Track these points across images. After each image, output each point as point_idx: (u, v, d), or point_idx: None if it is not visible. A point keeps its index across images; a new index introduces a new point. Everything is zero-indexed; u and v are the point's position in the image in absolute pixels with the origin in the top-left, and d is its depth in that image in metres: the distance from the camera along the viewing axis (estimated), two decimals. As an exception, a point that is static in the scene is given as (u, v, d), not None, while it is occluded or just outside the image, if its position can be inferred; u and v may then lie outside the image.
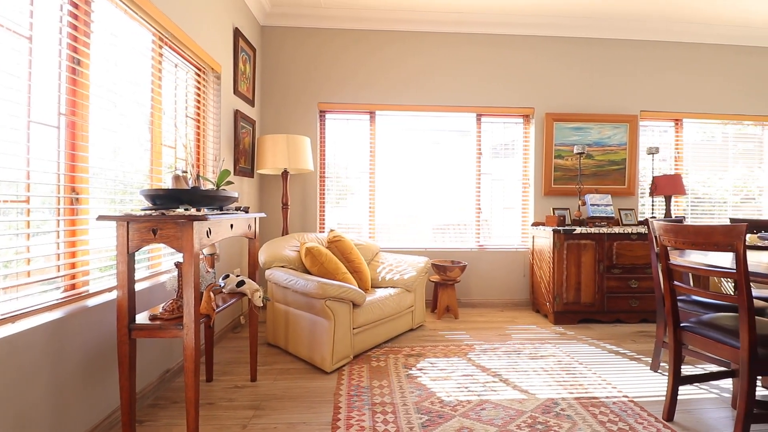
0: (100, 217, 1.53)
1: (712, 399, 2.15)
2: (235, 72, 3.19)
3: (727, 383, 2.32)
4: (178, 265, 1.76)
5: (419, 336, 3.05)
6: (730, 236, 1.64)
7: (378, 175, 4.02)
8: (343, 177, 4.01)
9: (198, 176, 1.88)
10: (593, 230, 3.45)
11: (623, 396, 2.15)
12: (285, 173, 3.39)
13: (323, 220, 3.97)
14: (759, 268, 1.72)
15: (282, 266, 2.76)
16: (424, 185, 4.10)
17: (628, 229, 3.48)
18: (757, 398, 2.16)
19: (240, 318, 3.29)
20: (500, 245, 4.12)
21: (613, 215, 3.91)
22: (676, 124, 4.38)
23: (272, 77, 3.87)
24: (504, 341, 2.97)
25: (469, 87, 4.03)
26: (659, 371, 2.47)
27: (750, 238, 3.73)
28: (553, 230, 3.44)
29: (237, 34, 3.19)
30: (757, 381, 2.38)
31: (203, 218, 1.56)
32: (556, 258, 3.43)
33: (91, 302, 1.73)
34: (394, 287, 3.05)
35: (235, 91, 3.20)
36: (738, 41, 4.29)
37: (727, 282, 4.01)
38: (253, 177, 3.62)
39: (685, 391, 2.23)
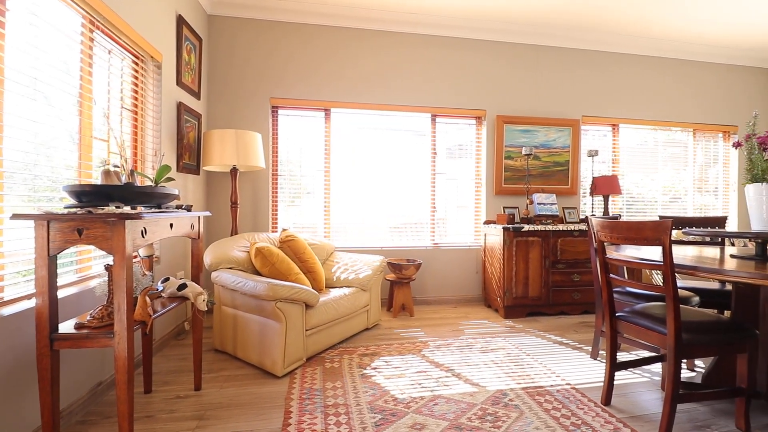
0: (15, 216, 1.36)
1: (644, 382, 2.32)
2: (179, 62, 3.00)
3: (658, 367, 2.52)
4: (108, 268, 1.62)
5: (374, 335, 3.04)
6: (658, 231, 1.77)
7: (333, 174, 3.97)
8: (297, 175, 3.91)
9: (132, 172, 1.74)
10: (540, 228, 3.62)
11: (566, 384, 2.27)
12: (234, 170, 3.24)
13: (276, 219, 3.85)
14: (684, 260, 1.87)
15: (230, 268, 2.64)
16: (381, 184, 4.10)
17: (571, 227, 3.69)
18: (683, 380, 2.37)
19: (184, 324, 3.10)
20: (454, 243, 4.21)
21: (558, 213, 4.13)
22: (614, 128, 4.71)
23: (222, 69, 3.69)
24: (457, 337, 3.04)
25: (424, 88, 4.08)
26: (598, 359, 2.63)
27: (676, 234, 4.09)
28: (503, 228, 3.57)
29: (180, 21, 3.01)
30: (683, 364, 2.61)
31: (137, 217, 1.44)
32: (506, 254, 3.57)
33: (7, 311, 1.54)
34: (349, 287, 3.02)
35: (179, 83, 3.01)
36: (668, 54, 4.70)
37: (658, 274, 4.37)
38: (198, 174, 3.43)
39: (621, 376, 2.39)
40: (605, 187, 4.13)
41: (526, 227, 3.59)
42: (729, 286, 2.76)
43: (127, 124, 2.50)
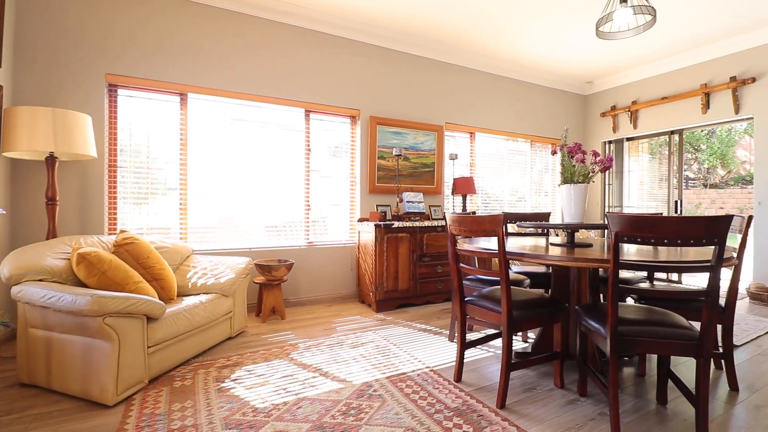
0: None
1: (490, 357, 2.62)
2: (-41, 14, 2.28)
3: (500, 342, 2.89)
4: None
5: (239, 343, 2.80)
6: (493, 224, 2.01)
7: (192, 169, 3.54)
8: (145, 169, 3.36)
9: None
10: (408, 224, 3.84)
11: (426, 367, 2.43)
12: (51, 159, 2.61)
13: (115, 220, 3.24)
14: (516, 248, 2.16)
15: (39, 280, 2.10)
16: (252, 181, 3.81)
17: (435, 223, 4.01)
18: (519, 351, 2.76)
19: (-25, 357, 2.37)
20: (330, 241, 4.18)
21: (425, 211, 4.46)
22: (471, 136, 5.30)
23: (36, 32, 2.94)
24: (329, 335, 3.00)
25: (298, 81, 3.95)
26: (454, 341, 2.89)
27: (519, 228, 4.75)
28: (375, 225, 3.68)
29: (-39, -39, 2.29)
30: (519, 336, 3.04)
31: None
32: (377, 250, 3.68)
33: None
34: (208, 293, 2.71)
35: (-40, 41, 2.29)
36: (512, 75, 5.48)
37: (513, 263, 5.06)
38: (-2, 163, 2.67)
39: (472, 354, 2.66)
40: (463, 187, 4.61)
41: (397, 224, 3.77)
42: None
43: None
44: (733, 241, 9.07)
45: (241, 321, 2.95)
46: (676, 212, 5.32)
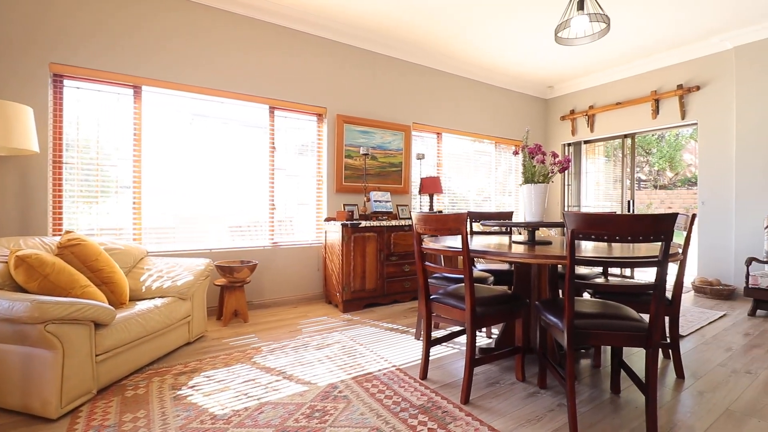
0: None
1: (455, 354, 2.65)
2: None
3: (465, 339, 2.93)
4: None
5: (198, 349, 2.68)
6: (457, 222, 2.04)
7: (147, 166, 3.35)
8: (96, 165, 3.16)
9: None
10: (376, 224, 3.83)
11: (392, 366, 2.42)
12: (-14, 154, 2.40)
13: (60, 220, 3.01)
14: (480, 246, 2.20)
15: (-30, 285, 1.92)
16: (214, 180, 3.67)
17: (403, 222, 4.02)
18: (483, 347, 2.81)
19: None
20: (295, 242, 4.10)
21: (392, 210, 4.46)
22: (438, 136, 5.36)
23: (-35, 16, 2.69)
24: (294, 337, 2.94)
25: (262, 77, 3.84)
26: (420, 339, 2.91)
27: (483, 227, 4.84)
28: (342, 224, 3.64)
29: None
30: (483, 332, 3.11)
31: None
32: (344, 250, 3.65)
33: None
34: (164, 296, 2.58)
35: None
36: (478, 78, 5.60)
37: (478, 261, 5.16)
38: None
39: (437, 351, 2.69)
40: (430, 186, 4.66)
41: (364, 223, 3.75)
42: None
43: None
44: (679, 238, 9.73)
45: (201, 325, 2.83)
46: (628, 211, 5.63)
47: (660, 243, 1.70)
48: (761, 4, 3.78)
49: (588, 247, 2.23)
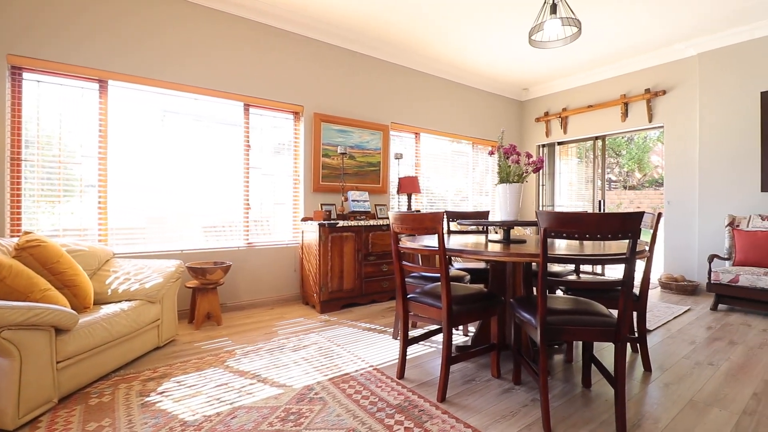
0: None
1: (432, 352, 2.66)
2: None
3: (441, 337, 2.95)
4: None
5: (168, 353, 2.59)
6: (434, 221, 2.04)
7: (115, 165, 3.22)
8: (58, 163, 3.00)
9: None
10: (353, 223, 3.81)
11: (369, 366, 2.41)
12: (-66, 150, 2.24)
13: (19, 221, 2.85)
14: (457, 245, 2.21)
15: None
16: (187, 179, 3.56)
17: (381, 222, 4.01)
18: (460, 344, 2.84)
19: None
20: (271, 242, 4.02)
21: (371, 210, 4.45)
22: (416, 136, 5.39)
23: None
24: (269, 339, 2.88)
25: (237, 73, 3.75)
26: (398, 338, 2.91)
27: (460, 227, 4.89)
28: (319, 224, 3.60)
29: None
30: (460, 330, 3.13)
31: None
32: (321, 250, 3.61)
33: None
34: (131, 300, 2.47)
35: None
36: (456, 79, 5.65)
37: (455, 260, 5.21)
38: None
39: (415, 350, 2.69)
40: (409, 186, 4.67)
41: (341, 223, 3.72)
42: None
43: None
44: (647, 236, 10.12)
45: (171, 329, 2.73)
46: (600, 211, 5.82)
47: (627, 241, 1.75)
48: (722, 14, 3.97)
49: (562, 246, 2.28)
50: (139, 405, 1.93)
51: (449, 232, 3.29)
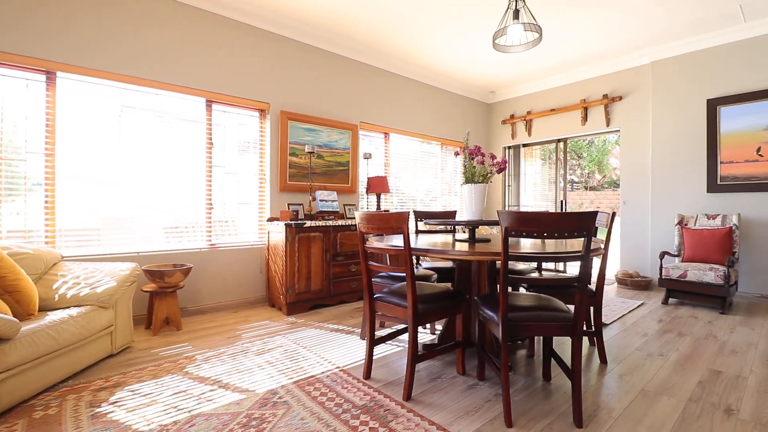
0: None
1: (399, 351, 2.67)
2: None
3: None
4: None
5: (122, 361, 2.46)
6: (399, 221, 2.05)
7: (64, 162, 3.02)
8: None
9: None
10: (321, 223, 3.76)
11: (336, 368, 2.38)
12: None
13: (-47, 221, 2.63)
14: (425, 245, 2.22)
15: None
16: (146, 178, 3.39)
17: (350, 222, 3.99)
18: (427, 343, 2.86)
19: None
20: (235, 243, 3.91)
21: (339, 210, 4.41)
22: (386, 136, 5.39)
23: None
24: (232, 343, 2.79)
25: (198, 67, 3.61)
26: (365, 338, 2.90)
27: (428, 226, 4.93)
28: (286, 224, 3.53)
29: None
30: (427, 329, 3.16)
31: None
32: (288, 251, 3.54)
33: None
34: (81, 305, 2.33)
35: None
36: (425, 80, 5.70)
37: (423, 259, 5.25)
38: None
39: (382, 350, 2.69)
40: (378, 186, 4.67)
41: (309, 223, 3.66)
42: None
43: None
44: (604, 234, 10.60)
45: (126, 335, 2.60)
46: (561, 210, 6.04)
47: (583, 239, 1.82)
48: (673, 26, 4.22)
49: (526, 244, 2.34)
50: (89, 416, 1.82)
51: (417, 231, 3.31)
